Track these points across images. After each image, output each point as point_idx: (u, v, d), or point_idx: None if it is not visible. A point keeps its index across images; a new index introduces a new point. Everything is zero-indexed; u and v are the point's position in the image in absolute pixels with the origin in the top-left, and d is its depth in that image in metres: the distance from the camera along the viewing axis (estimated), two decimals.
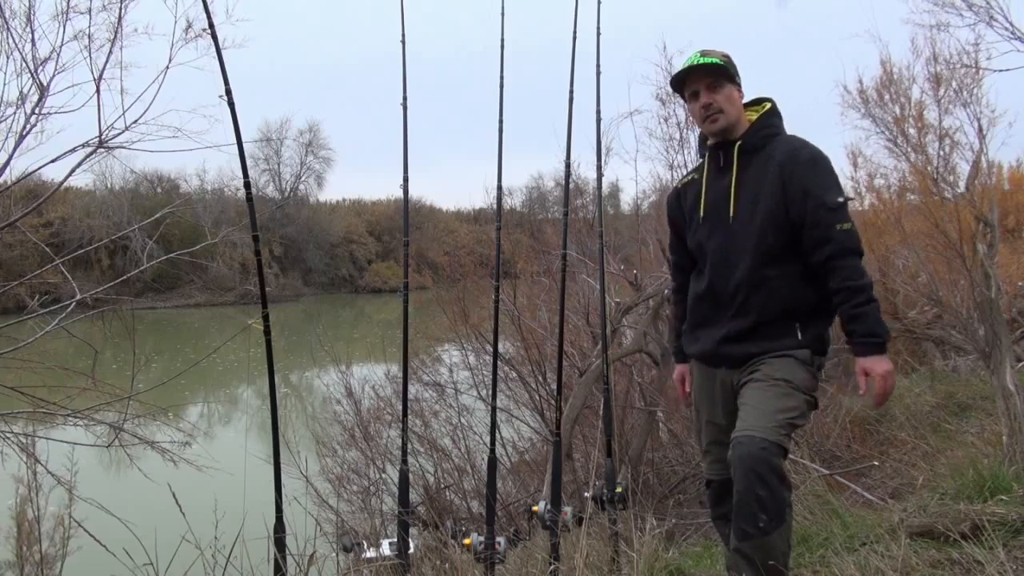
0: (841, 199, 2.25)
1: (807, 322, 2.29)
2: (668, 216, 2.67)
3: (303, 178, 42.77)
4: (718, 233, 2.40)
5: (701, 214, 2.44)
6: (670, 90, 2.93)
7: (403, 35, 3.31)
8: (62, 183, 3.97)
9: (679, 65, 2.46)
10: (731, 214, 2.36)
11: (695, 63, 2.38)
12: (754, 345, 2.31)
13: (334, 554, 3.06)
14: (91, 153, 3.30)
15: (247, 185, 2.66)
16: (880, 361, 2.17)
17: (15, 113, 3.21)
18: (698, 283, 2.47)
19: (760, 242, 2.30)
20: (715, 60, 2.37)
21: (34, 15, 3.14)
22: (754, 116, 2.43)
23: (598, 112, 3.51)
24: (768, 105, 2.45)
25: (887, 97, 6.06)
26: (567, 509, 3.09)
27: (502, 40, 3.47)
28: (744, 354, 2.33)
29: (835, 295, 2.23)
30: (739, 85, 2.42)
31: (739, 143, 2.38)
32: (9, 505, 3.31)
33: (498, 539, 3.05)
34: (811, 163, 2.28)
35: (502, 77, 3.40)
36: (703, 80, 2.39)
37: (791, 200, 2.26)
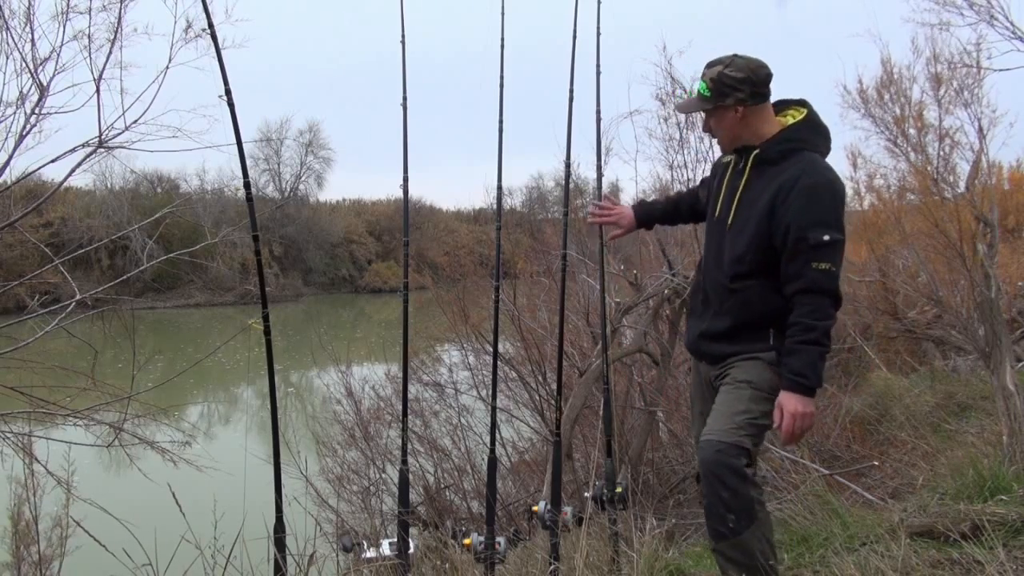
0: (827, 237, 2.15)
1: (782, 330, 2.28)
2: (705, 177, 2.74)
3: (303, 178, 42.72)
4: (716, 233, 2.43)
5: (714, 213, 2.47)
6: (670, 90, 2.95)
7: (403, 35, 3.31)
8: (62, 183, 3.98)
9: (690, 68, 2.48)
10: (729, 221, 2.37)
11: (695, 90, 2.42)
12: (728, 346, 2.36)
13: (334, 554, 3.06)
14: (91, 153, 3.30)
15: (247, 185, 2.65)
16: (797, 400, 2.15)
17: (15, 113, 3.21)
18: (696, 274, 2.56)
19: (743, 255, 2.31)
20: (701, 88, 2.35)
21: (34, 15, 3.14)
22: (789, 121, 2.36)
23: (598, 112, 3.51)
24: (801, 115, 2.36)
25: (887, 97, 6.06)
26: (567, 509, 3.09)
27: (502, 40, 3.47)
28: (718, 353, 2.39)
29: (789, 327, 2.21)
30: (736, 102, 2.30)
31: (756, 152, 2.33)
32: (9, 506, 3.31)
33: (498, 539, 3.04)
34: (806, 193, 2.19)
35: (502, 77, 3.40)
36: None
37: (775, 227, 2.23)
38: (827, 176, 2.24)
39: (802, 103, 2.39)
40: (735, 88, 2.30)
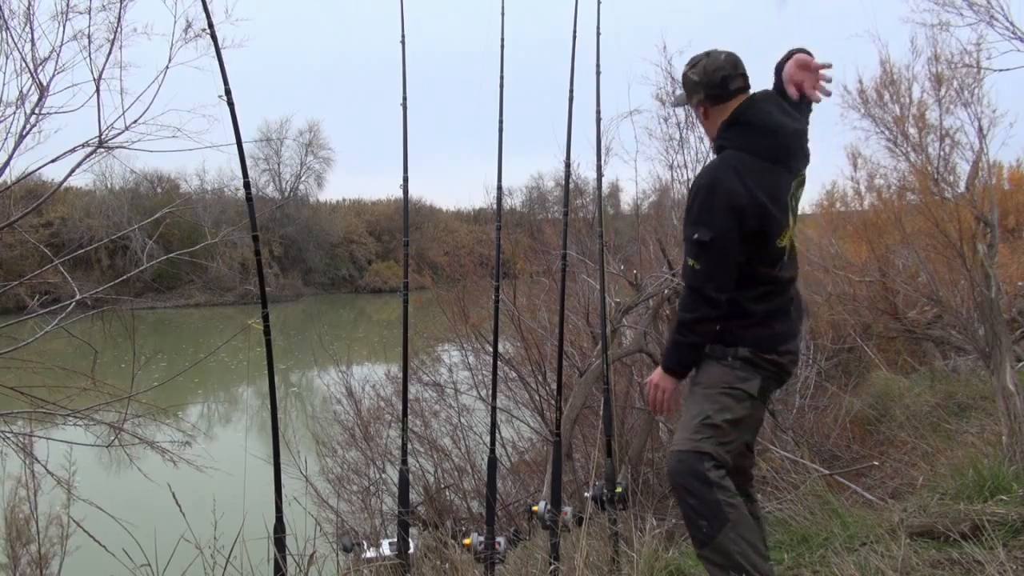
0: (695, 236, 2.22)
1: (728, 325, 2.32)
2: None
3: (303, 178, 42.68)
4: None
5: None
6: (670, 90, 2.99)
7: (403, 35, 3.32)
8: (62, 183, 3.98)
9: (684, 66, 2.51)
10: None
11: None
12: None
13: (334, 554, 3.06)
14: (91, 153, 3.30)
15: (247, 185, 2.66)
16: (658, 374, 2.38)
17: (15, 113, 3.21)
18: None
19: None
20: None
21: (33, 15, 3.14)
22: None
23: (598, 112, 3.51)
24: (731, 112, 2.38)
25: (887, 97, 6.06)
26: (567, 509, 3.09)
27: (502, 40, 3.47)
28: None
29: None
30: (698, 102, 2.40)
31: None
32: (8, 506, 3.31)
33: (498, 539, 3.05)
34: (692, 193, 2.31)
35: (502, 77, 3.40)
36: None
37: None
38: (710, 176, 2.29)
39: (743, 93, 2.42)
40: (693, 90, 2.40)
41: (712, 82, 2.34)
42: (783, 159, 2.31)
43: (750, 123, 2.32)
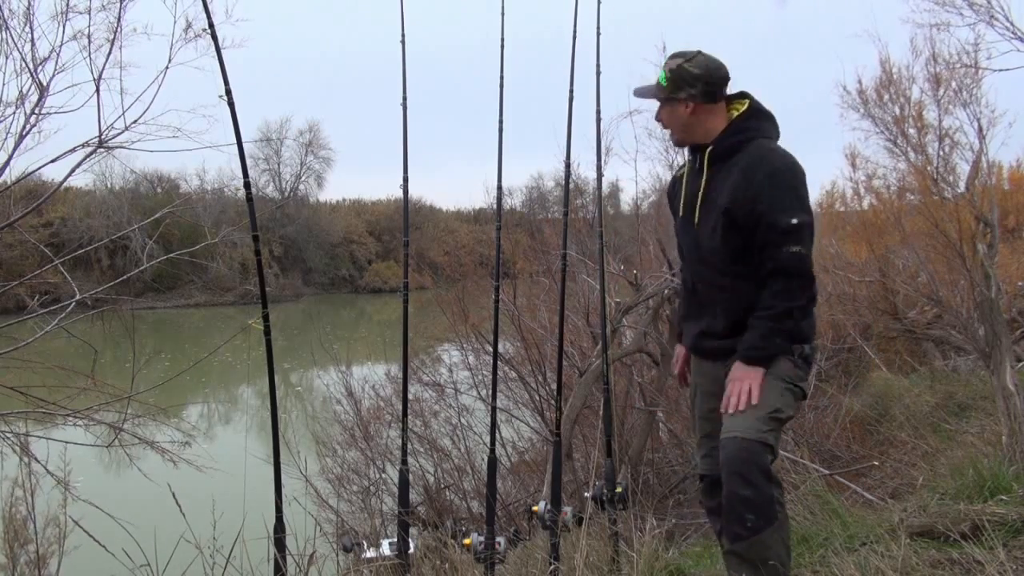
0: (795, 220, 2.17)
1: None
2: (668, 200, 2.76)
3: (303, 178, 42.71)
4: (688, 236, 2.46)
5: (680, 213, 2.50)
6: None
7: (403, 35, 3.31)
8: (62, 183, 3.98)
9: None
10: (696, 221, 2.39)
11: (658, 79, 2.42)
12: (728, 342, 2.34)
13: (334, 554, 3.06)
14: (91, 153, 3.30)
15: (247, 185, 2.65)
16: (742, 371, 2.20)
17: (15, 113, 3.21)
18: (682, 275, 2.58)
19: (720, 250, 2.32)
20: (661, 77, 2.38)
21: (33, 15, 3.14)
22: (734, 114, 2.39)
23: (598, 112, 3.51)
24: (744, 106, 2.37)
25: (887, 97, 6.07)
26: (567, 509, 3.09)
27: (502, 40, 3.47)
28: (721, 348, 2.37)
29: (757, 309, 2.24)
30: (688, 97, 2.33)
31: (710, 149, 2.36)
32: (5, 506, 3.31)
33: (498, 539, 3.04)
34: (767, 180, 2.21)
35: (502, 77, 3.40)
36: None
37: (742, 216, 2.25)
38: (784, 161, 2.26)
39: (743, 95, 2.41)
40: (689, 84, 2.33)
41: (714, 79, 2.34)
42: None
43: (764, 112, 2.39)
